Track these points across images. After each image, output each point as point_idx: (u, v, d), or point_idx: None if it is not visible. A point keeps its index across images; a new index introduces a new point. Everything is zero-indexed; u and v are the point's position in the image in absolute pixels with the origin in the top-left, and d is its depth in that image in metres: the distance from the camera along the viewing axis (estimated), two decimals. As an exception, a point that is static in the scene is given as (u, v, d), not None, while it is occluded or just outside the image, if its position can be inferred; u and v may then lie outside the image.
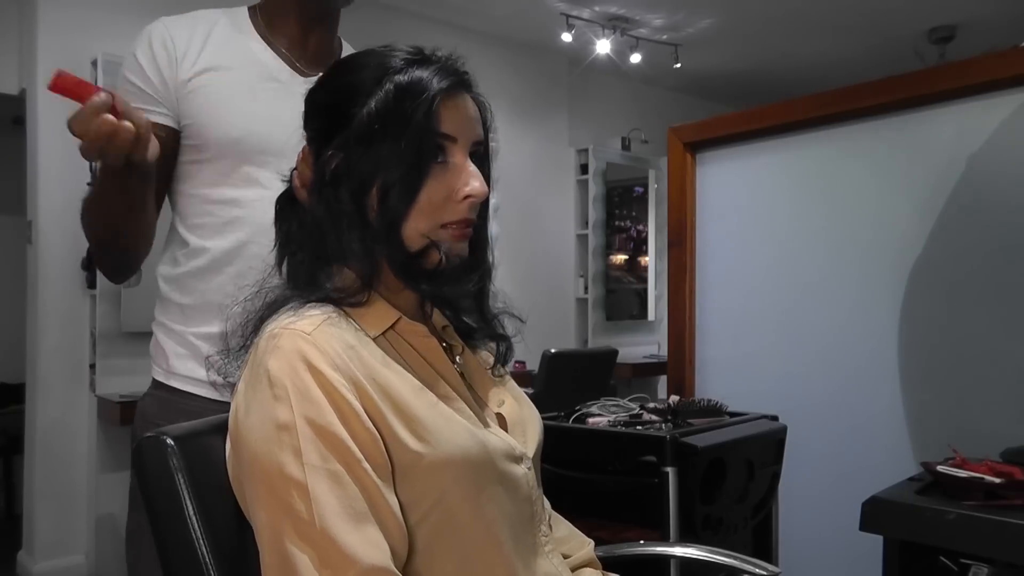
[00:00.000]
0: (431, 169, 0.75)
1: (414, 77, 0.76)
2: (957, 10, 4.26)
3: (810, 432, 1.87)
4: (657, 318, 5.48)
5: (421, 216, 0.76)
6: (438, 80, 0.76)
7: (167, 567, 0.75)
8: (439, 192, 0.76)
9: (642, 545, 1.19)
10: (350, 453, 0.66)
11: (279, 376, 0.68)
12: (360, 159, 0.75)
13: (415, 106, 0.74)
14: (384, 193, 0.74)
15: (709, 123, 2.24)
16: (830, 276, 1.97)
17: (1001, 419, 1.64)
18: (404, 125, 0.74)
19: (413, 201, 0.75)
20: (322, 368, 0.68)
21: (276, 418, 0.67)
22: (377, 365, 0.72)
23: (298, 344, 0.69)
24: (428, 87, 0.75)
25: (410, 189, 0.75)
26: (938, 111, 1.78)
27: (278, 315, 0.74)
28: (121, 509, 3.24)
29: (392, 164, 0.74)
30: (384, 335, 0.77)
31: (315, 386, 0.67)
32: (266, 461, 0.67)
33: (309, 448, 0.66)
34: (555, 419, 1.66)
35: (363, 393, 0.70)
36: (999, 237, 1.68)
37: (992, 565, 1.18)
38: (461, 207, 0.77)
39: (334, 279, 0.78)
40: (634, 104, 5.56)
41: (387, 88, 0.75)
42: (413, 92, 0.75)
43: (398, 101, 0.74)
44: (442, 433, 0.72)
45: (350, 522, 0.65)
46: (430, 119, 0.75)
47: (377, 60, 0.78)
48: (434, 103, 0.75)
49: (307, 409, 0.67)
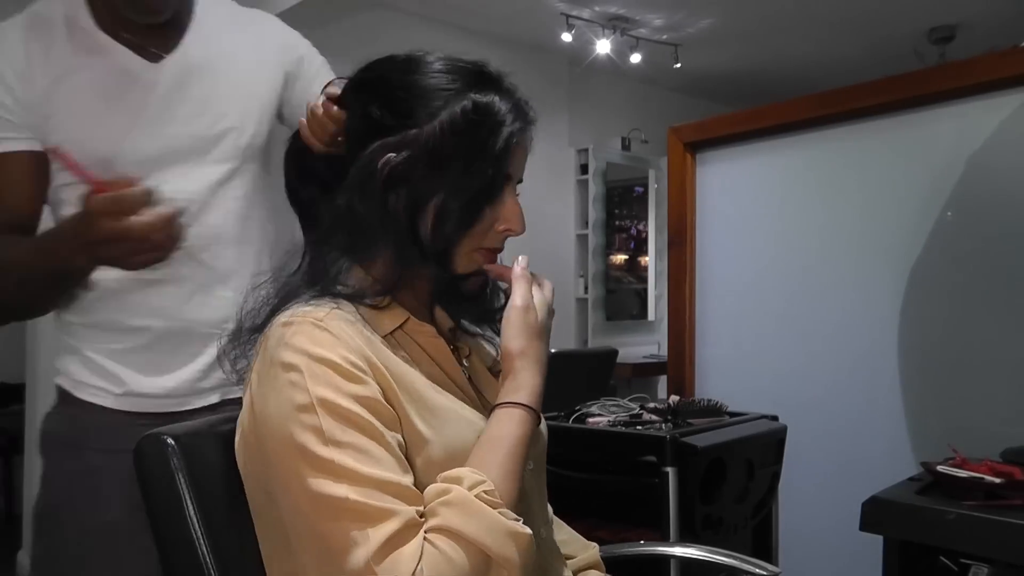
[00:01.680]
0: (490, 204, 0.78)
1: (493, 104, 0.77)
2: (957, 10, 4.25)
3: (810, 432, 1.87)
4: (657, 318, 5.48)
5: (467, 242, 0.78)
6: (514, 117, 0.77)
7: (167, 567, 0.75)
8: (487, 223, 0.78)
9: (642, 545, 1.20)
10: (372, 427, 0.67)
11: (293, 361, 0.68)
12: (425, 173, 0.75)
13: (494, 139, 0.76)
14: (441, 215, 0.75)
15: (709, 123, 2.25)
16: (830, 276, 1.97)
17: (1001, 419, 1.64)
18: (478, 155, 0.75)
19: (469, 230, 0.77)
20: (337, 349, 0.68)
21: (294, 401, 0.67)
22: (389, 354, 0.73)
23: (309, 330, 0.69)
24: (505, 121, 0.76)
25: (469, 219, 0.77)
26: (938, 111, 1.78)
27: (289, 306, 0.74)
28: (121, 509, 3.24)
29: (458, 190, 0.75)
30: (392, 334, 0.78)
31: (329, 368, 0.67)
32: (291, 446, 0.66)
33: (332, 426, 0.65)
34: (555, 419, 1.66)
35: (379, 374, 0.70)
36: (999, 237, 1.69)
37: (992, 565, 1.18)
38: (498, 237, 0.80)
39: (352, 275, 0.78)
40: (634, 104, 5.56)
41: (464, 105, 0.75)
42: (491, 122, 0.76)
43: (475, 125, 0.75)
44: (448, 424, 0.72)
45: (379, 491, 0.64)
46: (504, 158, 0.77)
47: (449, 67, 0.78)
48: (511, 141, 0.77)
49: (323, 390, 0.66)
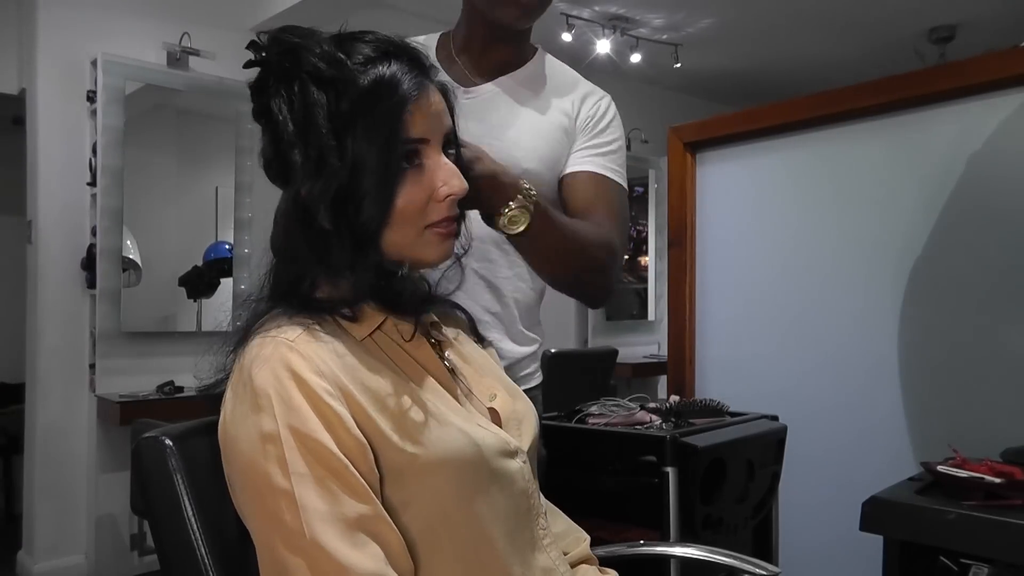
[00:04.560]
0: (405, 177, 0.74)
1: (376, 80, 0.72)
2: (957, 10, 4.25)
3: (810, 432, 1.86)
4: (657, 318, 5.47)
5: (405, 224, 0.74)
6: (407, 82, 0.73)
7: (166, 567, 0.75)
8: (418, 196, 0.74)
9: (642, 545, 1.19)
10: (336, 459, 0.66)
11: (263, 386, 0.67)
12: (324, 180, 0.71)
13: (382, 117, 0.71)
14: (358, 206, 0.72)
15: (709, 123, 2.24)
16: (830, 276, 1.97)
17: (1001, 419, 1.64)
18: (371, 137, 0.71)
19: (389, 212, 0.73)
20: (306, 376, 0.67)
21: (261, 428, 0.67)
22: (364, 370, 0.72)
23: (282, 352, 0.68)
24: (392, 91, 0.72)
25: (384, 201, 0.72)
26: (938, 111, 1.78)
27: (265, 324, 0.73)
28: (121, 509, 3.26)
29: (361, 179, 0.71)
30: (371, 336, 0.77)
31: (299, 394, 0.67)
32: (253, 472, 0.67)
33: (294, 457, 0.65)
34: (555, 419, 1.65)
35: (350, 398, 0.69)
36: (1000, 237, 1.68)
37: (992, 565, 1.18)
38: (442, 206, 0.76)
39: (324, 288, 0.77)
40: (634, 104, 5.54)
41: (347, 98, 0.71)
42: (378, 99, 0.71)
43: (362, 114, 0.71)
44: (434, 434, 0.71)
45: (340, 530, 0.64)
46: (398, 129, 0.72)
47: (320, 57, 0.72)
48: (403, 110, 0.72)
49: (291, 418, 0.66)
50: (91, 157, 3.20)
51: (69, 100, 3.21)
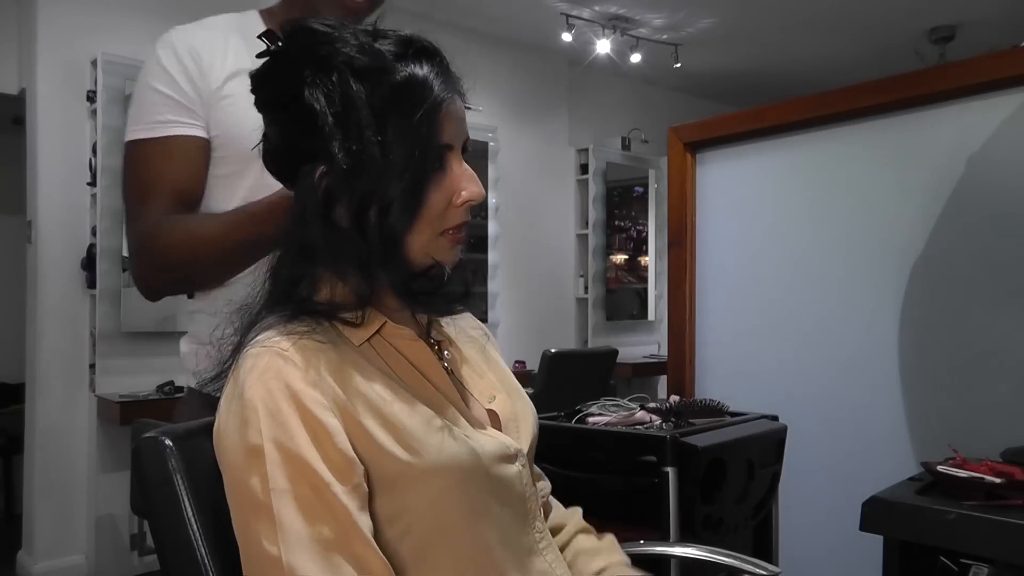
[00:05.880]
0: (433, 180, 0.73)
1: (411, 79, 0.71)
2: (957, 10, 4.26)
3: (810, 432, 1.86)
4: (657, 318, 5.48)
5: (425, 228, 0.74)
6: (438, 86, 0.72)
7: (166, 567, 0.75)
8: (440, 201, 0.74)
9: (642, 545, 1.19)
10: (318, 477, 0.65)
11: (251, 398, 0.67)
12: (357, 175, 0.70)
13: (417, 118, 0.71)
14: (385, 209, 0.71)
15: (709, 123, 2.24)
16: (830, 276, 1.97)
17: (1001, 419, 1.64)
18: (406, 138, 0.70)
19: (416, 215, 0.73)
20: (298, 387, 0.66)
21: (247, 441, 0.66)
22: (361, 377, 0.71)
23: (275, 362, 0.68)
24: (427, 93, 0.71)
25: (413, 204, 0.72)
26: (938, 111, 1.78)
27: (261, 331, 0.72)
28: (121, 509, 3.25)
29: (392, 179, 0.70)
30: (369, 341, 0.76)
31: (288, 407, 0.66)
32: (237, 484, 0.67)
33: (276, 472, 0.65)
34: (555, 419, 1.65)
35: (344, 409, 0.68)
36: (999, 237, 1.68)
37: (992, 565, 1.18)
38: (459, 212, 0.76)
39: (325, 291, 0.76)
40: (634, 104, 5.56)
41: (380, 94, 0.70)
42: (413, 99, 0.71)
43: (396, 112, 0.70)
44: (432, 442, 0.70)
45: (316, 552, 0.64)
46: (435, 132, 0.72)
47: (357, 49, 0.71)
48: (438, 114, 0.72)
49: (276, 432, 0.65)
50: (91, 157, 3.21)
51: (69, 100, 3.21)
